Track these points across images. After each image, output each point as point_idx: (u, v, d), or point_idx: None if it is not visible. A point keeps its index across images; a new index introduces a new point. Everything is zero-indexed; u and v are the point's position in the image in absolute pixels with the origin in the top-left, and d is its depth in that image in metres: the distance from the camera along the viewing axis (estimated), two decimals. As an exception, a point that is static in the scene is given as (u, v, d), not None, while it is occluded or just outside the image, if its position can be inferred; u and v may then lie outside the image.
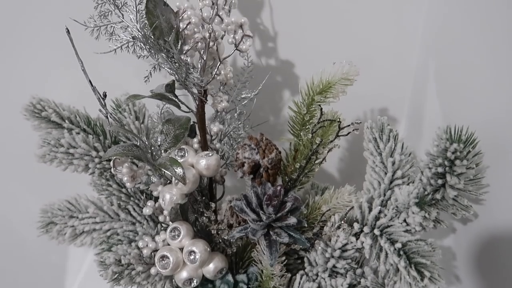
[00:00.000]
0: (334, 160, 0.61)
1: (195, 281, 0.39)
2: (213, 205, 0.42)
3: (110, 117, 0.40)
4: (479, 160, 0.33)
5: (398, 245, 0.33)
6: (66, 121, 0.44)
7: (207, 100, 0.42)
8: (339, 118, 0.39)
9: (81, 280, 0.76)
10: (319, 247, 0.38)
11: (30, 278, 0.76)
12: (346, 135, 0.38)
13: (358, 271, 0.38)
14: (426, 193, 0.33)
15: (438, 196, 0.34)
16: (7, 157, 0.63)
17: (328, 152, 0.39)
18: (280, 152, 0.41)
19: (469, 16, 0.42)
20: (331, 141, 0.38)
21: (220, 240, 0.42)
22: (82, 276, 0.75)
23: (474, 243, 0.41)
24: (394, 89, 0.56)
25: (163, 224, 0.43)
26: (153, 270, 0.40)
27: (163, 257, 0.38)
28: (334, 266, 0.38)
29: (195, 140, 0.43)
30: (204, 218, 0.41)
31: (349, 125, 0.38)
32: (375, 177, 0.38)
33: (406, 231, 0.35)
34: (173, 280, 0.42)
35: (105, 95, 0.39)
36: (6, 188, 0.66)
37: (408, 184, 0.36)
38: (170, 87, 0.40)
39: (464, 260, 0.43)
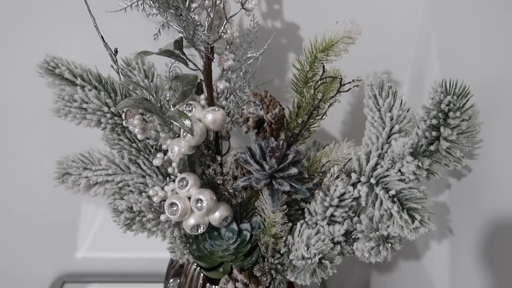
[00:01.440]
0: (336, 123, 0.63)
1: (201, 228, 0.42)
2: (219, 158, 0.44)
3: (121, 73, 0.42)
4: (473, 113, 0.34)
5: (392, 192, 0.36)
6: (79, 78, 0.46)
7: (213, 58, 0.43)
8: (341, 75, 0.41)
9: (93, 237, 0.80)
10: (319, 197, 0.41)
11: (44, 235, 0.80)
12: (347, 91, 0.40)
13: (355, 219, 0.41)
14: (420, 144, 0.35)
15: (432, 148, 0.35)
16: (22, 117, 0.65)
17: (329, 107, 0.40)
18: (283, 109, 0.42)
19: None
20: (332, 97, 0.40)
21: (225, 192, 0.44)
22: (93, 234, 0.79)
23: (468, 197, 0.43)
24: (397, 53, 0.57)
25: (171, 177, 0.46)
26: (162, 217, 0.42)
27: (172, 204, 0.41)
28: (332, 215, 0.41)
29: (202, 96, 0.45)
30: (211, 170, 0.44)
31: (350, 82, 0.40)
32: (374, 131, 0.40)
33: (400, 180, 0.37)
34: (181, 229, 0.45)
35: (116, 51, 0.41)
36: (20, 148, 0.69)
37: (405, 138, 0.38)
38: (179, 44, 0.42)
39: (457, 214, 0.45)
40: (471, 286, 0.42)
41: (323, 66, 0.40)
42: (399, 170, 0.37)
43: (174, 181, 0.44)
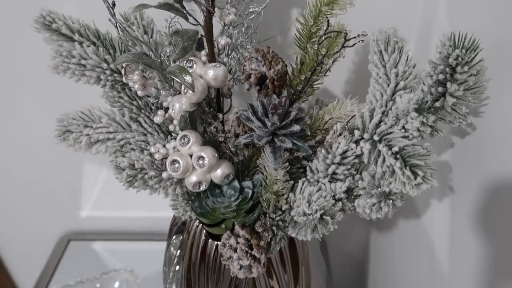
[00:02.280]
0: (339, 82, 0.62)
1: (203, 185, 0.42)
2: (220, 116, 0.44)
3: (120, 27, 0.41)
4: (481, 68, 0.33)
5: (396, 149, 0.35)
6: (76, 34, 0.45)
7: (214, 11, 0.42)
8: (346, 30, 0.39)
9: (96, 197, 0.81)
10: (321, 154, 0.41)
11: (48, 195, 0.81)
12: (352, 46, 0.39)
13: (357, 177, 0.41)
14: (425, 100, 0.35)
15: (437, 104, 0.35)
16: (22, 74, 0.65)
17: (333, 62, 0.39)
18: (286, 65, 0.42)
19: None
20: (337, 52, 0.39)
21: (227, 150, 0.44)
22: (96, 193, 0.80)
23: (471, 156, 0.43)
24: (403, 8, 0.55)
25: (172, 135, 0.46)
26: (164, 175, 0.42)
27: (173, 161, 0.41)
28: (334, 173, 0.41)
29: (203, 52, 0.44)
30: (212, 128, 0.43)
31: (355, 37, 0.39)
32: (378, 88, 0.39)
33: (404, 137, 0.36)
34: (183, 186, 0.45)
35: (114, 4, 0.40)
36: (22, 107, 0.68)
37: (410, 94, 0.37)
38: (178, -4, 0.40)
39: (460, 172, 0.45)
40: (470, 246, 0.43)
41: (328, 20, 0.39)
42: (403, 127, 0.37)
43: (175, 138, 0.43)
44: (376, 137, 0.37)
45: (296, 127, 0.37)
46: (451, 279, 0.47)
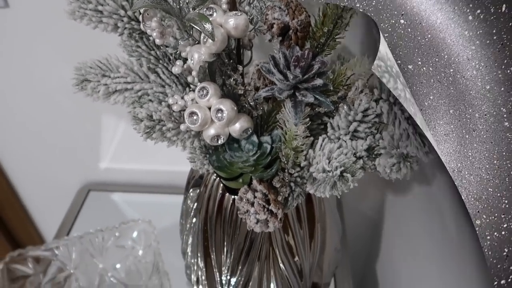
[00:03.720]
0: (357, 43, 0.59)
1: (222, 138, 0.41)
2: (240, 68, 0.42)
3: (137, -29, 0.39)
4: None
5: (407, 114, 0.34)
6: (92, -22, 0.43)
7: (236, -44, 0.40)
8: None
9: (114, 149, 0.82)
10: (343, 111, 0.39)
11: (68, 145, 0.82)
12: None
13: (377, 136, 0.40)
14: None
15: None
16: (38, 24, 0.64)
17: (350, 17, 0.37)
18: (309, 16, 0.40)
19: None
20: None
21: (246, 103, 0.43)
22: (114, 146, 0.81)
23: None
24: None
25: (191, 86, 0.45)
26: (182, 127, 0.42)
27: (192, 113, 0.40)
28: (355, 130, 0.40)
29: (224, 0, 0.42)
30: (232, 80, 0.42)
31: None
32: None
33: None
34: (201, 139, 0.44)
35: None
36: (40, 55, 0.68)
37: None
38: None
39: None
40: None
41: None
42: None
43: (194, 90, 0.43)
44: (391, 99, 0.36)
45: (318, 81, 0.36)
46: (460, 242, 0.47)
